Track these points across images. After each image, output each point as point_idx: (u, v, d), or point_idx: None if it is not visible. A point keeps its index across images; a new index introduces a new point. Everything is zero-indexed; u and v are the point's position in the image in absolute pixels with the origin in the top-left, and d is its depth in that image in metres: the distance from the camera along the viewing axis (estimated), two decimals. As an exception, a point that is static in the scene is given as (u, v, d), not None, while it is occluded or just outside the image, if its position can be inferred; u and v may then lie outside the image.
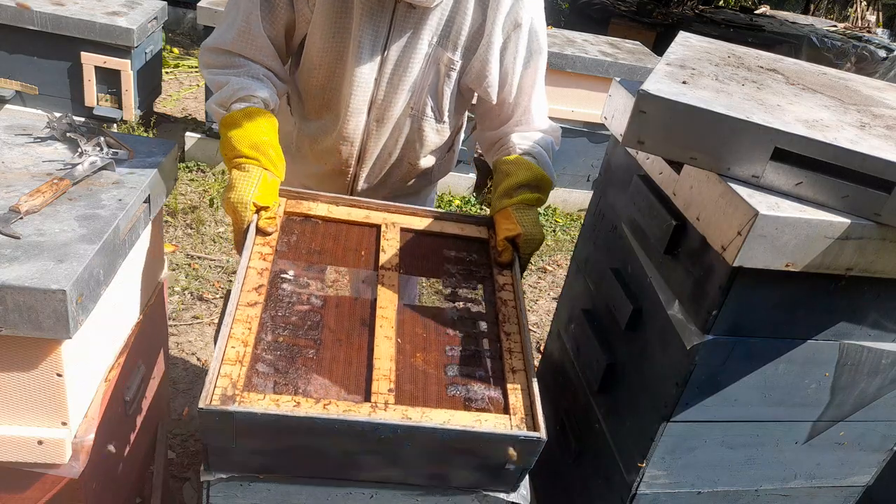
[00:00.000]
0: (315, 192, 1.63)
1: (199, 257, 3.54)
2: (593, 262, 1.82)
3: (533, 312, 3.64)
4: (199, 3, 4.01)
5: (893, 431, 1.56)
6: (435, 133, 1.74)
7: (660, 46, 6.15)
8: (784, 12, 10.83)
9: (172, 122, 4.91)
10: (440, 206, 4.31)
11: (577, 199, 4.65)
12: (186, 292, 3.28)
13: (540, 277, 3.96)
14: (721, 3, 11.15)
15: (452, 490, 1.30)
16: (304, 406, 1.18)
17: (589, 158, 4.51)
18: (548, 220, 4.59)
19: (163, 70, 4.82)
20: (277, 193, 1.52)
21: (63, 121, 1.60)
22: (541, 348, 2.93)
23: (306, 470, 1.26)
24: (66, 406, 1.30)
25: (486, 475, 1.27)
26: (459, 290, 1.51)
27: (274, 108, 1.58)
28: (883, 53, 7.44)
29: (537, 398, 1.27)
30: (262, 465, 1.23)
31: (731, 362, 1.35)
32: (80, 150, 1.51)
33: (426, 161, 1.80)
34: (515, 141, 1.70)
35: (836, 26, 9.25)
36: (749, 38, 7.17)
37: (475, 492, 1.30)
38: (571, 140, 4.33)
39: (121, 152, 1.55)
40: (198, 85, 5.75)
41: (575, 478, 1.80)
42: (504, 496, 1.30)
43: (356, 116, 1.65)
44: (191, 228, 3.75)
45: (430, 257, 1.58)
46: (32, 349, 1.23)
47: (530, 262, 1.80)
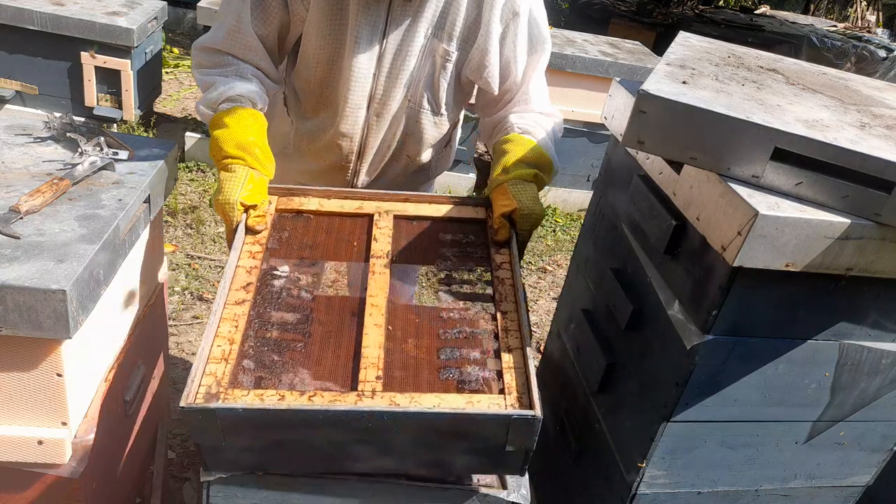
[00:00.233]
0: (306, 186, 1.61)
1: (199, 257, 3.53)
2: (593, 262, 1.82)
3: (533, 312, 3.64)
4: (199, 3, 4.01)
5: (893, 431, 1.56)
6: (433, 126, 1.73)
7: (660, 46, 6.14)
8: (784, 12, 10.82)
9: (172, 122, 4.90)
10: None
11: (577, 199, 4.65)
12: (186, 292, 3.28)
13: (540, 277, 3.96)
14: (721, 3, 11.14)
15: (452, 490, 1.29)
16: (289, 399, 1.15)
17: (589, 158, 4.50)
18: (548, 220, 4.59)
19: (163, 70, 4.81)
20: (266, 191, 1.51)
21: (63, 121, 1.60)
22: (541, 348, 2.93)
23: (300, 464, 1.24)
24: (66, 406, 1.30)
25: (487, 460, 1.22)
26: (455, 273, 1.46)
27: (262, 107, 1.58)
28: (883, 53, 7.44)
29: (533, 376, 1.21)
30: (255, 462, 1.21)
31: (731, 362, 1.35)
32: (80, 150, 1.51)
33: (424, 155, 1.80)
34: (513, 120, 1.68)
35: (836, 26, 9.24)
36: (749, 38, 7.16)
37: (475, 491, 1.29)
38: (571, 140, 4.32)
39: (121, 152, 1.55)
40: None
41: (575, 478, 1.80)
42: (504, 496, 1.30)
43: (355, 112, 1.65)
44: (191, 228, 3.75)
45: (424, 242, 1.53)
46: (32, 349, 1.23)
47: (532, 262, 1.78)
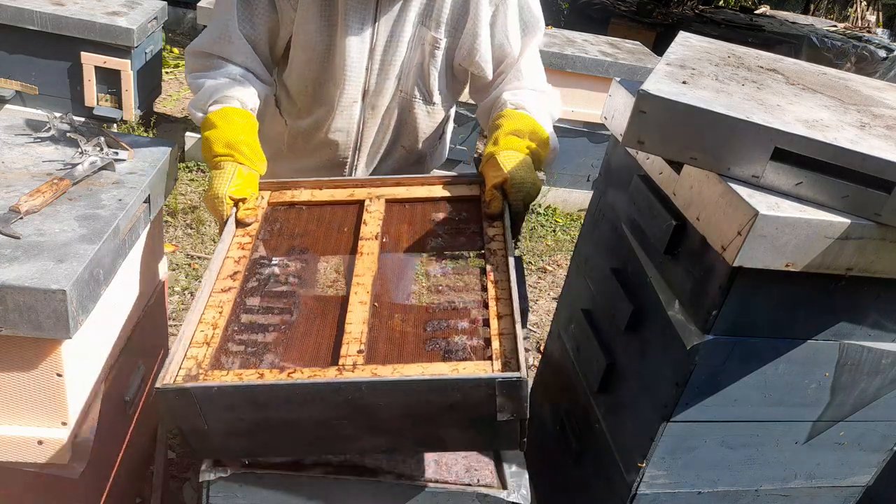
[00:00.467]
0: (298, 179, 1.61)
1: (199, 257, 3.53)
2: (593, 262, 1.82)
3: (533, 312, 3.64)
4: (199, 3, 4.01)
5: (893, 431, 1.56)
6: (426, 115, 1.73)
7: (660, 46, 6.14)
8: (784, 12, 10.81)
9: (172, 122, 4.90)
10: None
11: (577, 199, 4.65)
12: (186, 292, 3.28)
13: (540, 277, 3.96)
14: (721, 3, 11.14)
15: (452, 490, 1.29)
16: (267, 377, 1.14)
17: (589, 158, 4.50)
18: (548, 220, 4.59)
19: (163, 70, 4.81)
20: (256, 185, 1.52)
21: (63, 121, 1.60)
22: (541, 348, 2.93)
23: (290, 448, 1.23)
24: (66, 406, 1.30)
25: (481, 435, 1.20)
26: (446, 250, 1.43)
27: (253, 107, 1.58)
28: (883, 53, 7.44)
29: (520, 339, 1.17)
30: (244, 447, 1.20)
31: (731, 362, 1.35)
32: (80, 150, 1.51)
33: (419, 146, 1.80)
34: (506, 97, 1.67)
35: (836, 26, 9.24)
36: (749, 38, 7.16)
37: (475, 491, 1.29)
38: (571, 140, 4.33)
39: (121, 152, 1.55)
40: (198, 85, 5.73)
41: (575, 478, 1.80)
42: (504, 496, 1.30)
43: (350, 107, 1.66)
44: (191, 228, 3.75)
45: (416, 222, 1.52)
46: (32, 349, 1.23)
47: (532, 262, 1.78)
